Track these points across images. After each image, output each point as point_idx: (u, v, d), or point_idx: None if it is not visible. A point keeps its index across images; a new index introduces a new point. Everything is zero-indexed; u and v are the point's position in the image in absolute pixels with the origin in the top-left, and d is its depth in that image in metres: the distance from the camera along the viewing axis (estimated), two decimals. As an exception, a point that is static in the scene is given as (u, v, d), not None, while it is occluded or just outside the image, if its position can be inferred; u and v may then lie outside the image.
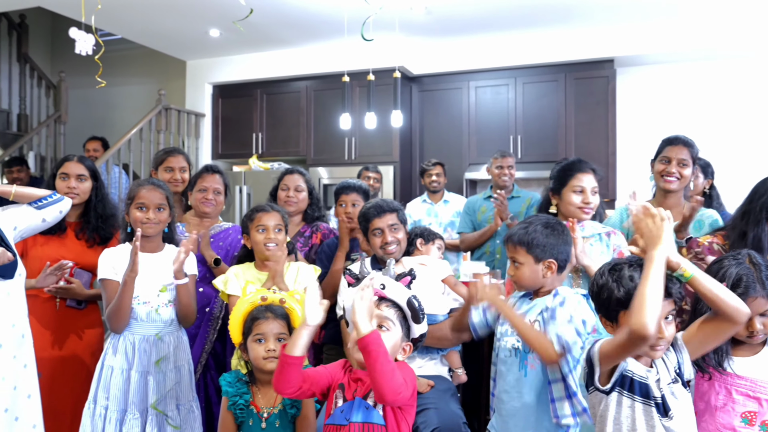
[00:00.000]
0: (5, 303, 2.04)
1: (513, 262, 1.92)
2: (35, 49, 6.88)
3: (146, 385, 2.25)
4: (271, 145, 6.09)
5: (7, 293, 2.05)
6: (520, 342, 1.86)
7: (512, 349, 1.89)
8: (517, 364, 1.87)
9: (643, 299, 1.37)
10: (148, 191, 2.34)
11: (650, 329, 1.35)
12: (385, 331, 1.68)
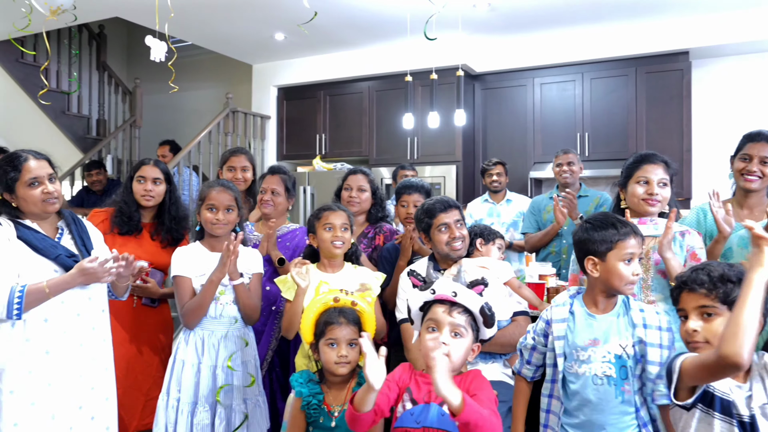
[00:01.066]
0: (87, 307, 2.13)
1: None
2: (113, 58, 7.24)
3: (215, 380, 2.32)
4: (334, 146, 6.16)
5: (88, 298, 2.14)
6: (614, 367, 1.75)
7: (604, 376, 1.76)
8: (613, 391, 1.74)
9: (738, 325, 1.28)
10: (218, 193, 2.40)
11: (744, 358, 1.26)
12: (458, 338, 1.66)
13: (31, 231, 2.06)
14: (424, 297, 1.72)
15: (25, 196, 2.05)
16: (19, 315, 1.95)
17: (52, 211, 2.12)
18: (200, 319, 2.33)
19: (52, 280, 2.00)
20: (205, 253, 2.42)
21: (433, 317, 1.68)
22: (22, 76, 5.82)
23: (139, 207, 2.69)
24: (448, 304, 1.68)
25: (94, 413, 2.14)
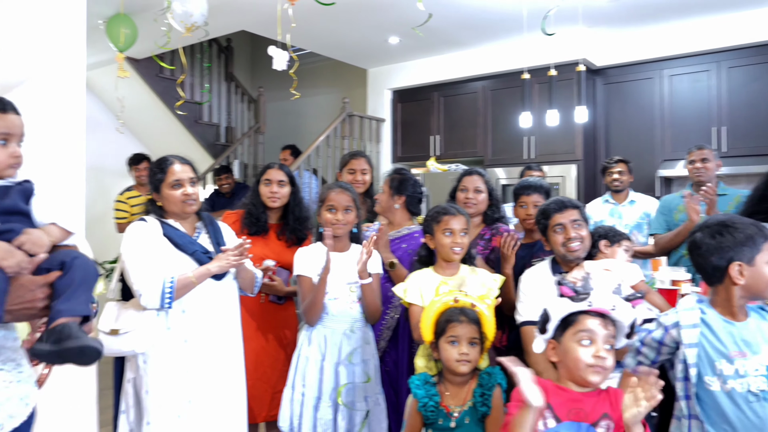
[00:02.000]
0: (220, 301, 2.31)
1: None
2: (239, 69, 7.71)
3: (337, 376, 2.39)
4: (448, 147, 6.15)
5: (221, 293, 2.31)
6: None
7: (759, 392, 1.61)
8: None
9: None
10: (337, 194, 2.48)
11: None
12: (611, 350, 1.57)
13: (173, 229, 2.28)
14: (575, 307, 1.62)
15: (167, 197, 2.27)
16: (170, 304, 2.16)
17: (190, 212, 2.31)
18: (318, 315, 2.41)
19: (196, 270, 2.21)
20: (324, 253, 2.48)
21: (587, 329, 1.56)
22: (161, 89, 6.35)
23: (266, 209, 2.84)
24: (602, 315, 1.60)
25: (225, 401, 2.30)
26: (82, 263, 1.34)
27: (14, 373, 1.42)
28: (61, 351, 1.23)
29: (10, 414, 1.38)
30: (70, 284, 1.29)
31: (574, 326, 1.58)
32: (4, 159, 1.39)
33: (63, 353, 1.23)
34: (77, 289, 1.29)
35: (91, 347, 1.23)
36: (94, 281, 1.35)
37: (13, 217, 1.36)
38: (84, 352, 1.23)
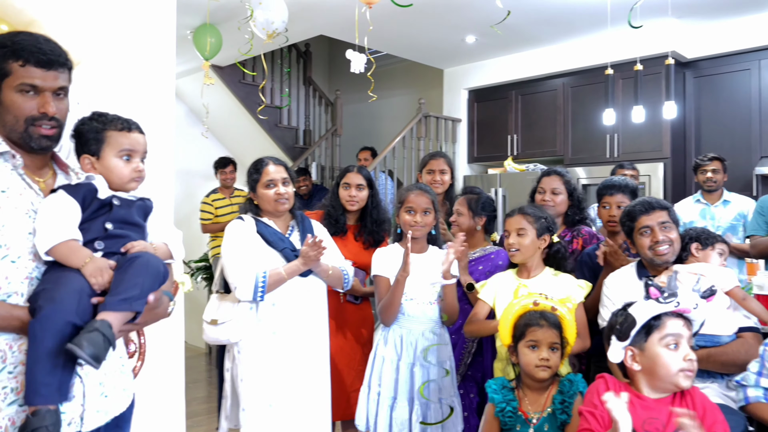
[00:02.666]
0: (307, 297, 2.43)
1: None
2: (317, 72, 7.88)
3: (413, 377, 2.39)
4: (526, 146, 6.01)
5: (309, 290, 2.44)
6: None
7: None
8: None
9: None
10: (416, 196, 2.48)
11: None
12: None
13: (266, 226, 2.44)
14: (662, 308, 1.55)
15: (262, 196, 2.44)
16: (263, 297, 2.33)
17: (282, 210, 2.46)
18: (394, 316, 2.42)
19: (287, 265, 2.36)
20: (402, 254, 2.49)
21: (673, 332, 1.51)
22: (243, 95, 6.59)
23: (345, 211, 2.89)
24: (683, 316, 1.53)
25: (311, 393, 2.40)
26: (142, 263, 1.39)
27: (117, 364, 1.53)
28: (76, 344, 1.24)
29: (114, 402, 1.49)
30: (123, 281, 1.34)
31: (659, 330, 1.52)
32: (128, 174, 1.49)
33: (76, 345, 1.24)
34: (128, 288, 1.33)
35: (98, 340, 1.24)
36: (154, 281, 1.40)
37: (128, 227, 1.47)
38: (96, 341, 1.24)
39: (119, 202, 1.47)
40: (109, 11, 2.36)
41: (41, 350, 1.23)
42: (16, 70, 1.34)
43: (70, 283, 1.30)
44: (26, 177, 1.40)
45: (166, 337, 2.59)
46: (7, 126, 1.37)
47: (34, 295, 1.32)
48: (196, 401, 4.48)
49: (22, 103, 1.35)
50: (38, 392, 1.22)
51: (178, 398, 2.70)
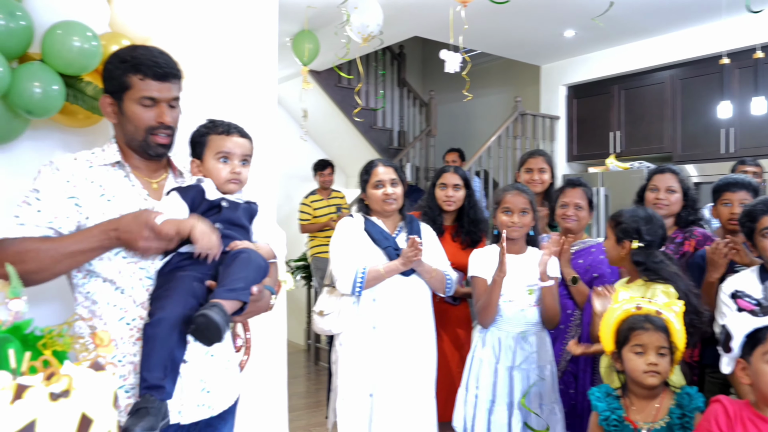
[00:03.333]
0: (409, 296, 2.48)
1: None
2: (411, 74, 7.91)
3: (511, 381, 2.34)
4: (630, 143, 5.71)
5: (411, 288, 2.48)
6: None
7: None
8: None
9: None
10: (513, 196, 2.43)
11: None
12: None
13: (373, 225, 2.54)
14: (758, 323, 1.44)
15: (371, 196, 2.55)
16: (360, 291, 2.43)
17: (390, 210, 2.54)
18: (492, 318, 2.38)
19: (387, 264, 2.44)
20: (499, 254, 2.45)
21: None
22: (339, 98, 6.74)
23: (441, 211, 2.88)
24: None
25: (410, 395, 2.43)
26: (245, 258, 1.46)
27: (224, 362, 1.62)
28: (195, 321, 1.33)
29: (218, 397, 1.58)
30: (228, 275, 1.43)
31: (763, 345, 1.42)
32: (225, 175, 1.57)
33: (195, 322, 1.33)
34: (234, 281, 1.41)
35: (213, 324, 1.31)
36: (256, 275, 1.47)
37: (235, 228, 1.55)
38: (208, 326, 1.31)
39: (227, 204, 1.56)
40: (216, 23, 2.49)
41: (156, 356, 1.35)
42: (137, 84, 1.45)
43: (177, 288, 1.41)
44: (137, 182, 1.52)
45: (269, 333, 2.69)
46: (128, 135, 1.50)
47: (151, 298, 1.45)
48: (296, 396, 4.63)
49: (142, 114, 1.46)
50: (150, 388, 1.33)
51: (281, 392, 2.79)
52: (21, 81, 1.65)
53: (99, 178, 1.47)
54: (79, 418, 0.84)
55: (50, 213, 1.40)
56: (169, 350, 1.35)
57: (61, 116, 1.84)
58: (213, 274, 1.47)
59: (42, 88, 1.67)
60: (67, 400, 0.83)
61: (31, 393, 0.82)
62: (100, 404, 0.88)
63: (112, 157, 1.50)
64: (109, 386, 0.92)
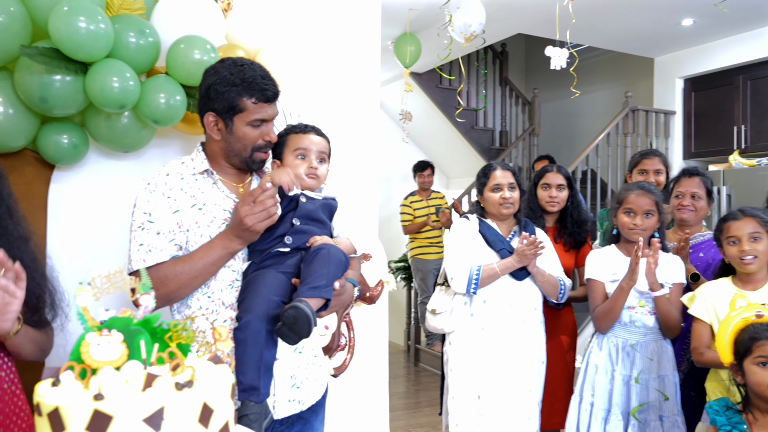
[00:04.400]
0: (520, 300, 2.47)
1: None
2: (513, 72, 7.75)
3: (629, 390, 2.26)
4: (757, 138, 5.25)
5: (522, 293, 2.48)
6: None
7: None
8: None
9: None
10: (636, 197, 2.32)
11: None
12: None
13: (488, 227, 2.55)
14: None
15: (487, 198, 2.56)
16: (476, 290, 2.44)
17: (506, 214, 2.54)
18: (611, 324, 2.31)
19: (501, 261, 2.44)
20: (619, 257, 2.37)
21: None
22: (440, 99, 6.73)
23: (544, 212, 2.80)
24: None
25: (516, 399, 2.42)
26: (325, 254, 1.49)
27: (310, 357, 1.68)
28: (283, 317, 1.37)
29: (307, 392, 1.64)
30: (310, 272, 1.46)
31: None
32: (302, 170, 1.61)
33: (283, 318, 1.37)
34: (316, 278, 1.44)
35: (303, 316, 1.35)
36: (337, 270, 1.50)
37: (313, 223, 1.59)
38: (297, 319, 1.35)
39: (306, 199, 1.60)
40: (321, 31, 2.57)
41: (247, 358, 1.41)
42: (250, 108, 1.52)
43: (261, 287, 1.46)
44: (225, 189, 1.59)
45: (371, 333, 2.74)
46: (234, 151, 1.57)
47: (238, 302, 1.51)
48: (396, 396, 4.68)
49: (251, 134, 1.54)
50: (245, 391, 1.39)
51: (382, 392, 2.83)
52: (149, 93, 1.79)
53: (190, 188, 1.54)
54: (201, 408, 0.90)
55: (168, 232, 1.49)
56: (260, 351, 1.40)
57: (183, 124, 1.98)
58: (295, 272, 1.51)
59: (167, 99, 1.80)
60: (190, 390, 0.89)
61: (160, 382, 0.88)
62: (219, 395, 0.93)
63: (201, 166, 1.57)
64: (227, 379, 0.97)
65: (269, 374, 1.45)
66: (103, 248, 1.91)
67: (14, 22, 1.64)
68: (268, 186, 1.47)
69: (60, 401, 0.84)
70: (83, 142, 1.87)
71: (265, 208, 1.45)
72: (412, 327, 6.13)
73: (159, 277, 1.44)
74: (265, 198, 1.46)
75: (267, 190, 1.46)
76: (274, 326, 1.40)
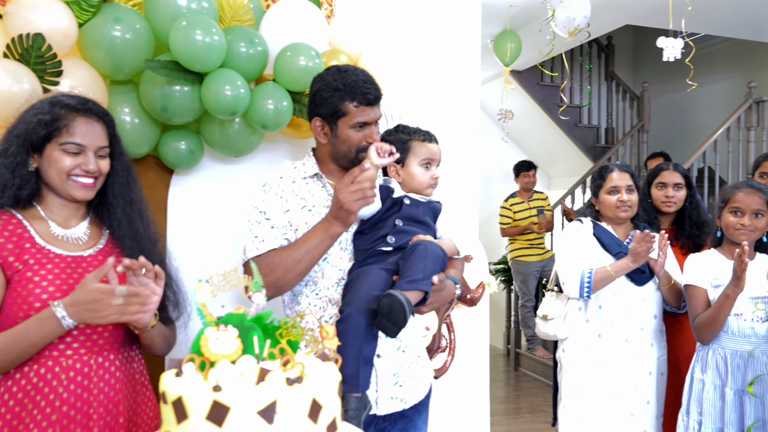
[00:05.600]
0: (638, 307, 2.34)
1: None
2: (620, 66, 7.39)
3: (742, 406, 2.09)
4: None
5: (641, 299, 2.35)
6: None
7: None
8: None
9: None
10: (745, 195, 2.18)
11: None
12: None
13: (603, 230, 2.44)
14: None
15: (604, 201, 2.45)
16: (589, 294, 2.33)
17: (623, 218, 2.44)
18: (715, 334, 2.15)
19: (615, 263, 2.31)
20: (722, 261, 2.21)
21: None
22: (541, 96, 6.54)
23: (659, 213, 2.65)
24: None
25: (634, 410, 2.31)
26: (422, 249, 1.50)
27: (413, 357, 1.70)
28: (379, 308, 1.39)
29: (410, 391, 1.66)
30: (408, 267, 1.48)
31: None
32: (426, 180, 1.67)
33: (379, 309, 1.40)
34: (413, 272, 1.46)
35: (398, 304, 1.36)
36: (435, 265, 1.50)
37: (416, 224, 1.63)
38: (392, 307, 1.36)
39: (409, 201, 1.63)
40: (421, 32, 2.58)
41: (348, 350, 1.44)
42: (352, 111, 1.58)
43: (361, 283, 1.50)
44: (332, 190, 1.63)
45: (472, 336, 2.71)
46: (340, 154, 1.64)
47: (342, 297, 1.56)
48: (495, 401, 4.59)
49: (355, 136, 1.60)
50: (346, 383, 1.41)
51: (483, 396, 2.79)
52: (258, 100, 1.88)
53: (301, 191, 1.63)
54: (311, 403, 0.92)
55: (281, 227, 1.58)
56: (359, 343, 1.44)
57: (289, 129, 2.06)
58: (396, 269, 1.54)
59: (274, 105, 1.88)
60: (300, 386, 0.92)
61: (272, 377, 0.92)
62: (327, 392, 0.96)
63: (311, 170, 1.66)
64: (334, 376, 0.99)
65: (369, 367, 1.48)
66: (218, 247, 2.03)
67: (139, 38, 1.77)
68: (367, 167, 1.50)
69: (183, 391, 0.90)
70: (199, 147, 2.00)
71: (361, 188, 1.48)
72: (512, 330, 6.00)
73: (267, 263, 1.52)
74: (364, 179, 1.49)
75: (366, 171, 1.49)
76: (374, 320, 1.44)
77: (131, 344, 1.47)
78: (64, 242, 1.40)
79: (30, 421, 1.27)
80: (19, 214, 1.38)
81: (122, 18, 1.74)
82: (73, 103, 1.40)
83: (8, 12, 1.64)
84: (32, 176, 1.39)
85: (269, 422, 0.88)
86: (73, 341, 1.33)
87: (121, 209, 1.48)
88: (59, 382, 1.30)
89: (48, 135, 1.37)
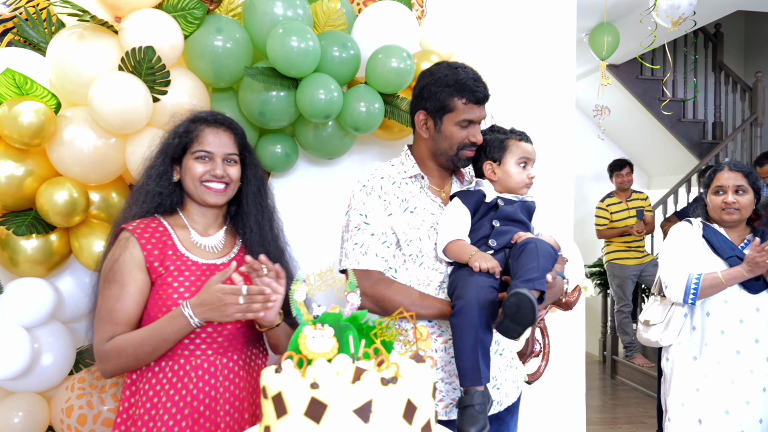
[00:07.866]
0: (752, 316, 2.17)
1: None
2: (729, 56, 6.87)
3: None
4: None
5: (756, 308, 2.17)
6: None
7: None
8: None
9: None
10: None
11: None
12: None
13: (714, 232, 2.28)
14: None
15: (709, 202, 2.32)
16: (694, 301, 2.19)
17: (728, 221, 2.27)
18: None
19: (727, 270, 2.16)
20: None
21: None
22: (640, 91, 6.21)
23: None
24: None
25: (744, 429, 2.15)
26: (532, 248, 1.48)
27: (508, 359, 1.70)
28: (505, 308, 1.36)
29: (505, 393, 1.66)
30: (521, 266, 1.46)
31: None
32: (522, 179, 1.64)
33: (505, 310, 1.36)
34: (527, 271, 1.44)
35: (525, 301, 1.33)
36: (547, 261, 1.48)
37: (513, 223, 1.60)
38: (520, 305, 1.34)
39: (503, 202, 1.61)
40: (514, 29, 2.54)
41: (465, 343, 1.44)
42: (460, 108, 1.59)
43: (469, 278, 1.49)
44: (431, 194, 1.66)
45: (566, 341, 2.62)
46: (440, 150, 1.64)
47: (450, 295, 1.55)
48: (591, 409, 4.41)
49: (459, 133, 1.60)
50: (467, 376, 1.43)
51: (578, 403, 2.70)
52: (350, 103, 1.91)
53: (402, 192, 1.64)
54: (405, 404, 0.92)
55: (381, 234, 1.60)
56: (474, 333, 1.43)
57: (380, 131, 2.08)
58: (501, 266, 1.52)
59: (366, 107, 1.91)
60: (395, 386, 0.92)
61: (367, 376, 0.93)
62: (422, 393, 0.95)
63: (412, 170, 1.66)
64: (428, 377, 0.99)
65: (488, 357, 1.47)
66: (313, 248, 2.08)
67: (239, 47, 1.85)
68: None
69: (283, 387, 0.93)
70: (294, 150, 2.06)
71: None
72: (608, 336, 5.74)
73: (391, 294, 1.58)
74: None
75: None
76: (487, 312, 1.43)
77: (254, 344, 1.55)
78: (201, 250, 1.51)
79: (165, 412, 1.39)
80: (165, 221, 1.51)
81: (224, 28, 1.83)
82: (203, 116, 1.53)
83: (123, 28, 1.76)
84: (175, 187, 1.52)
85: (365, 421, 0.89)
86: (201, 342, 1.43)
87: (254, 217, 1.56)
88: (189, 379, 1.42)
89: (184, 147, 1.50)
